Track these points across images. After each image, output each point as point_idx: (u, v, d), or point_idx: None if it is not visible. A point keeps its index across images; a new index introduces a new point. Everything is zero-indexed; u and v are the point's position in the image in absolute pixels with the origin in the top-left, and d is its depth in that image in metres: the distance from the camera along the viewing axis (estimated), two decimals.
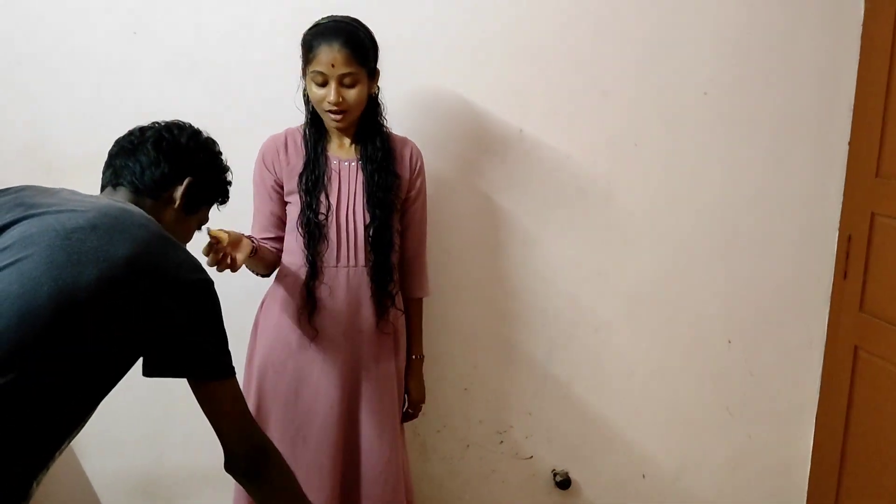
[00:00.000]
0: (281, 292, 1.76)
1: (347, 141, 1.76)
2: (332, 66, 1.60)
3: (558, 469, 2.28)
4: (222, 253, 1.51)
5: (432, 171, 1.97)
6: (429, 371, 1.98)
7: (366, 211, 1.71)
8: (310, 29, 1.66)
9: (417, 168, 1.82)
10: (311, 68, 1.62)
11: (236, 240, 1.58)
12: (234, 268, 1.55)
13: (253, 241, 1.65)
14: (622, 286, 2.20)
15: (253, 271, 1.77)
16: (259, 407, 1.75)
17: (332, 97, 1.62)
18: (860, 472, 2.13)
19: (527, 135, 2.09)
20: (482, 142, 2.07)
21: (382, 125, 1.77)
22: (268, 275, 1.81)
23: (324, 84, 1.62)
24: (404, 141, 1.82)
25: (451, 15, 2.00)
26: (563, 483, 2.25)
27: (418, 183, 1.82)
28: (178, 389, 1.77)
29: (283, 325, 1.75)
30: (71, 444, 2.08)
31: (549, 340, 2.21)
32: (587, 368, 2.23)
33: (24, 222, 1.04)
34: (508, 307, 2.18)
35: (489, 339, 2.19)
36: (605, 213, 2.16)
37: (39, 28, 1.88)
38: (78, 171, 1.94)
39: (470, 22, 2.01)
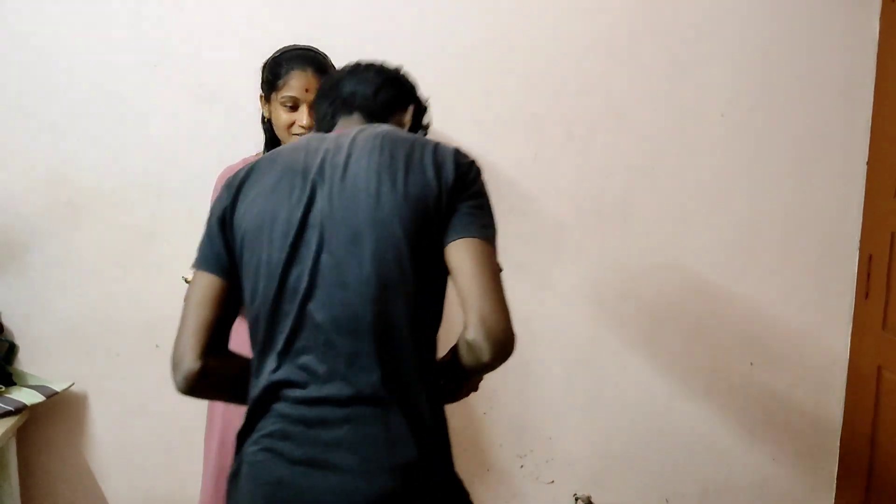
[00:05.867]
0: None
1: None
2: (307, 90, 1.64)
3: (580, 494, 2.25)
4: None
5: None
6: None
7: None
8: (274, 57, 1.71)
9: None
10: (281, 94, 1.65)
11: None
12: None
13: None
14: (641, 309, 2.20)
15: None
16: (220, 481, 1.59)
17: (304, 121, 1.64)
18: (886, 493, 2.10)
19: (541, 158, 2.10)
20: (497, 166, 2.08)
21: None
22: None
23: (294, 108, 1.65)
24: None
25: (465, 40, 2.03)
26: None
27: None
28: (198, 419, 1.79)
29: None
30: (92, 469, 2.09)
31: (569, 363, 2.20)
32: (607, 391, 2.22)
33: None
34: (527, 330, 2.17)
35: (508, 362, 2.18)
36: (622, 236, 2.16)
37: (63, 60, 1.92)
38: (101, 201, 1.99)
39: (484, 46, 2.04)
